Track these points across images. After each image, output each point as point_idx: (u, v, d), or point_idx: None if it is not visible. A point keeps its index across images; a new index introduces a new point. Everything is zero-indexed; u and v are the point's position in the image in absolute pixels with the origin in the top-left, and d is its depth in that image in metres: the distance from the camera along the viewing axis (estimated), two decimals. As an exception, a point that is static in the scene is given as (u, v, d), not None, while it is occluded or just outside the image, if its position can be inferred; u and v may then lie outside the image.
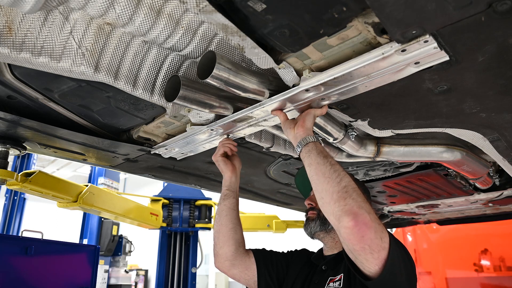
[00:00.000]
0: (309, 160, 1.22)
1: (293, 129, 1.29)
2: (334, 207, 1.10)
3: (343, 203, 1.09)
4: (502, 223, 4.28)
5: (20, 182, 1.98)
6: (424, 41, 0.92)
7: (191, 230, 4.71)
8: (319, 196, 1.16)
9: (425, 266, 5.62)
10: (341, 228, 1.08)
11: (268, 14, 0.90)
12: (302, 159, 1.26)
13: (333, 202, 1.11)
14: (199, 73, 1.11)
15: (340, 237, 1.12)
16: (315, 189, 1.19)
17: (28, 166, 6.01)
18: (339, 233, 1.11)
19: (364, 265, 1.12)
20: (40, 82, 1.30)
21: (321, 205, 1.17)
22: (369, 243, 1.07)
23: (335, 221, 1.11)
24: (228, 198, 1.62)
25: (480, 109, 1.32)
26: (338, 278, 1.37)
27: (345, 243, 1.12)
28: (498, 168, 2.16)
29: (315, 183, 1.18)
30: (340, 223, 1.08)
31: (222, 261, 1.60)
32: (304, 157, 1.24)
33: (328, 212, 1.13)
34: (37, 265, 2.54)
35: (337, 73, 1.10)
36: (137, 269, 11.14)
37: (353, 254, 1.13)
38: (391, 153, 1.75)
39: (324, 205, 1.15)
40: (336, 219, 1.10)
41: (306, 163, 1.23)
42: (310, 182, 1.22)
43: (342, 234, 1.09)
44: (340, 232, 1.10)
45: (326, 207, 1.14)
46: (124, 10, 1.01)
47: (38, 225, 4.27)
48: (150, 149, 1.76)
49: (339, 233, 1.11)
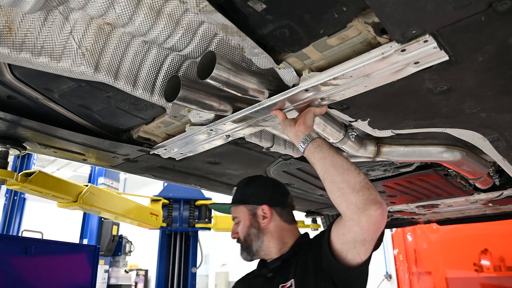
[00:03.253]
0: (321, 154, 1.22)
1: (293, 127, 1.29)
2: (357, 196, 1.13)
3: (368, 193, 1.13)
4: (502, 223, 4.28)
5: (20, 182, 1.97)
6: (424, 41, 0.92)
7: (191, 230, 4.71)
8: (337, 187, 1.17)
9: (425, 266, 5.62)
10: (363, 216, 1.11)
11: (268, 14, 0.90)
12: (310, 155, 1.25)
13: (356, 192, 1.13)
14: (199, 74, 1.11)
15: (356, 226, 1.14)
16: (331, 181, 1.19)
17: (28, 166, 6.00)
18: (356, 222, 1.14)
19: (358, 257, 1.19)
20: (40, 82, 1.30)
21: (338, 197, 1.17)
22: (377, 235, 1.15)
23: (356, 210, 1.13)
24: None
25: (480, 109, 1.32)
26: (290, 284, 1.33)
27: (358, 233, 1.16)
28: (498, 168, 2.16)
29: (332, 175, 1.19)
30: (363, 212, 1.11)
31: None
32: (312, 152, 1.24)
33: (348, 202, 1.15)
34: (37, 265, 2.54)
35: (336, 73, 1.10)
36: (137, 269, 11.13)
37: (354, 245, 1.18)
38: (391, 153, 1.75)
39: (342, 195, 1.16)
40: (358, 208, 1.12)
41: (317, 157, 1.22)
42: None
43: (362, 223, 1.12)
44: (360, 221, 1.12)
45: (345, 197, 1.15)
46: (124, 10, 1.01)
47: (38, 225, 4.27)
48: (149, 149, 1.76)
49: (357, 222, 1.13)
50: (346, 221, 1.18)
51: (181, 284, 4.56)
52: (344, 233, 1.21)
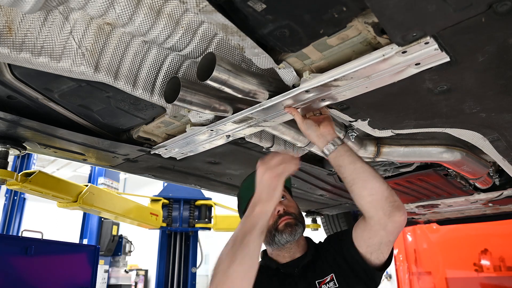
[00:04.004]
0: (351, 158, 1.27)
1: (318, 127, 1.31)
2: (385, 203, 1.21)
3: (393, 199, 1.22)
4: (502, 223, 4.29)
5: (20, 182, 1.98)
6: (425, 43, 0.92)
7: (191, 230, 4.71)
8: (368, 193, 1.23)
9: (425, 266, 5.62)
10: (390, 222, 1.21)
11: (268, 14, 0.90)
12: (338, 157, 1.28)
13: (384, 199, 1.21)
14: (198, 75, 1.10)
15: (382, 230, 1.24)
16: (362, 187, 1.23)
17: (28, 166, 6.00)
18: (383, 226, 1.23)
19: (381, 256, 1.30)
20: (40, 82, 1.30)
21: (368, 202, 1.23)
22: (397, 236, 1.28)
23: (383, 216, 1.21)
24: (263, 236, 1.15)
25: (480, 109, 1.32)
26: (330, 279, 1.34)
27: (384, 236, 1.25)
28: (498, 168, 2.16)
29: (363, 181, 1.24)
30: (390, 217, 1.21)
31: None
32: (342, 155, 1.27)
33: (378, 208, 1.22)
34: (37, 265, 2.54)
35: (337, 74, 1.10)
36: (137, 269, 11.13)
37: (379, 246, 1.28)
38: (391, 153, 1.75)
39: (373, 201, 1.22)
40: (385, 214, 1.21)
41: (347, 161, 1.26)
42: (254, 187, 1.20)
43: (388, 227, 1.23)
44: (386, 225, 1.22)
45: (375, 203, 1.22)
46: (124, 10, 1.01)
47: (38, 225, 4.27)
48: (149, 149, 1.76)
49: (383, 227, 1.23)
50: (373, 225, 1.25)
51: (181, 284, 4.56)
52: (370, 237, 1.29)
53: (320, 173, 2.31)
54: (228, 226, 4.74)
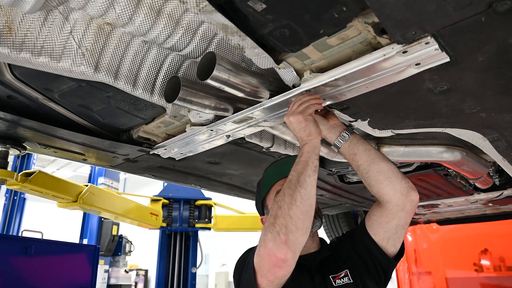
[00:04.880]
0: (365, 146, 1.34)
1: (328, 121, 1.37)
2: (401, 184, 1.28)
3: (406, 180, 1.29)
4: (502, 223, 4.28)
5: (20, 182, 1.98)
6: (426, 43, 0.92)
7: (191, 230, 4.71)
8: (385, 176, 1.28)
9: (425, 266, 5.61)
10: (408, 202, 1.27)
11: (268, 14, 0.90)
12: (352, 146, 1.33)
13: (400, 180, 1.28)
14: (199, 74, 1.10)
15: (401, 211, 1.27)
16: (378, 171, 1.29)
17: (28, 166, 6.00)
18: (401, 207, 1.27)
19: (398, 241, 1.32)
20: (40, 82, 1.30)
21: (386, 185, 1.28)
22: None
23: (401, 197, 1.27)
24: (317, 172, 1.19)
25: (480, 109, 1.32)
26: (344, 274, 1.34)
27: (402, 217, 1.28)
28: (498, 168, 2.16)
29: (379, 165, 1.29)
30: (408, 197, 1.27)
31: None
32: (355, 143, 1.34)
33: (395, 189, 1.27)
34: (37, 265, 2.54)
35: (338, 74, 1.10)
36: (137, 269, 11.13)
37: (396, 230, 1.30)
38: (391, 153, 1.75)
39: (390, 184, 1.28)
40: (403, 194, 1.27)
41: (361, 149, 1.33)
42: (282, 173, 1.34)
43: (406, 207, 1.27)
44: (405, 205, 1.27)
45: (392, 185, 1.28)
46: (124, 10, 1.01)
47: (38, 225, 4.27)
48: (149, 149, 1.76)
49: (402, 207, 1.27)
50: (390, 208, 1.29)
51: (181, 284, 4.56)
52: (387, 221, 1.31)
53: (320, 173, 2.31)
54: (228, 226, 4.74)
